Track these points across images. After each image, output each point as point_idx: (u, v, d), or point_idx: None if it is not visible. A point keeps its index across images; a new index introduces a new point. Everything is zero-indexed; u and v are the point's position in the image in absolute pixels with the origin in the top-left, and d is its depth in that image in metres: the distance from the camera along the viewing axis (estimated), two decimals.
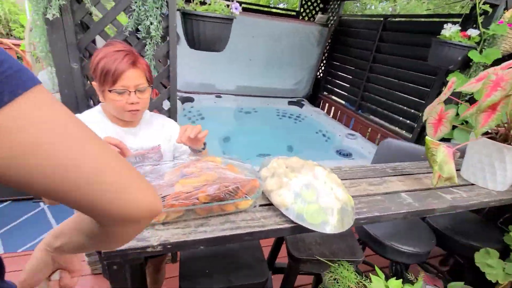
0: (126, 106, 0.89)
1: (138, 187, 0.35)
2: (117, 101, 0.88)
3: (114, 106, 0.89)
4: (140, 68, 0.90)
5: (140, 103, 0.91)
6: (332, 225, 0.72)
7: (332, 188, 0.80)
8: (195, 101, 3.79)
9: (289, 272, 1.15)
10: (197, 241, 0.67)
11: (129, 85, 0.88)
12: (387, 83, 3.11)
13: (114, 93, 0.87)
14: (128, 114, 0.92)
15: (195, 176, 0.74)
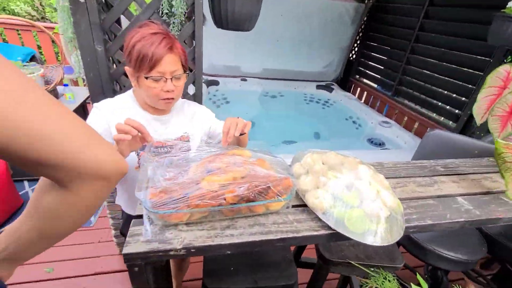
0: (161, 94, 0.83)
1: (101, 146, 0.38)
2: (152, 89, 0.82)
3: (149, 94, 0.84)
4: (177, 53, 0.83)
5: (176, 91, 0.85)
6: (379, 235, 0.62)
7: (378, 191, 0.69)
8: (220, 84, 3.71)
9: (317, 274, 1.08)
10: (223, 245, 0.60)
11: (165, 72, 0.81)
12: (430, 65, 2.79)
13: (150, 80, 0.81)
14: (162, 102, 0.86)
15: (222, 173, 0.67)
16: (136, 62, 0.79)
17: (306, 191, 0.72)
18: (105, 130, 0.85)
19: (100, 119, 0.86)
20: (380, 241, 0.61)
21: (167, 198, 0.61)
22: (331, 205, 0.66)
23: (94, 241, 1.88)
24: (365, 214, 0.64)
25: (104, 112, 0.86)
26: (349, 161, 0.77)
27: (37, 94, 0.32)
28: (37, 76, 2.13)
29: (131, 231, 0.60)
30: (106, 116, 0.86)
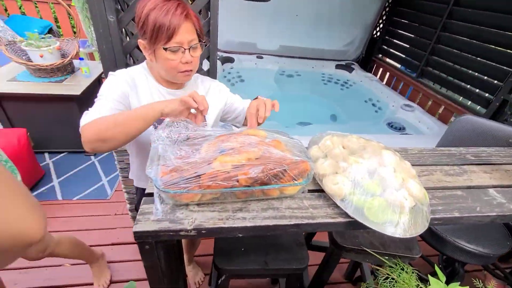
0: (179, 66, 0.79)
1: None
2: (170, 61, 0.77)
3: (167, 67, 0.79)
4: (192, 21, 0.78)
5: (194, 62, 0.81)
6: (401, 226, 0.58)
7: (403, 179, 0.63)
8: (235, 61, 3.61)
9: (329, 258, 1.06)
10: (235, 228, 0.58)
11: (183, 42, 0.76)
12: (463, 44, 2.56)
13: (168, 51, 0.76)
14: (180, 75, 0.82)
15: (235, 153, 0.63)
16: (152, 33, 0.74)
17: (323, 175, 0.68)
18: (123, 94, 0.80)
19: (118, 84, 0.81)
20: (402, 233, 0.57)
21: (178, 177, 0.58)
22: (350, 192, 0.62)
23: (110, 213, 1.95)
24: (387, 204, 0.59)
25: (122, 80, 0.82)
26: (372, 146, 0.71)
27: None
28: (53, 49, 2.13)
29: (142, 209, 0.59)
30: (125, 84, 0.82)
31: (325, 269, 1.09)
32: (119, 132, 0.68)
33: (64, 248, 1.24)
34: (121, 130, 0.68)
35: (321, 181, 0.68)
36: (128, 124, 0.69)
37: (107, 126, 0.68)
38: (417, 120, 2.77)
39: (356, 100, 3.48)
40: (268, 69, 3.71)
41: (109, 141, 0.68)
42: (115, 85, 0.80)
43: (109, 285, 1.53)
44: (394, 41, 3.53)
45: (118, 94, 0.79)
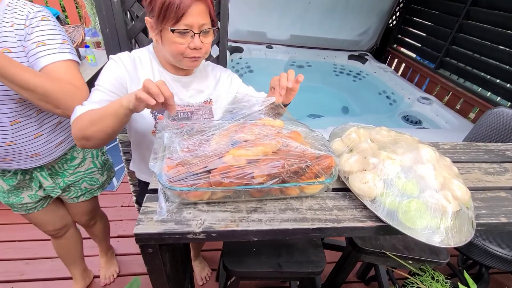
0: (187, 51, 0.71)
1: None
2: (177, 45, 0.70)
3: (172, 50, 0.71)
4: (206, 2, 0.69)
5: (203, 48, 0.72)
6: (443, 234, 0.49)
7: (445, 178, 0.55)
8: (244, 51, 3.50)
9: (345, 261, 0.98)
10: (249, 232, 0.51)
11: (193, 25, 0.68)
12: (489, 33, 2.39)
13: (176, 34, 0.68)
14: (187, 61, 0.74)
15: (250, 146, 0.55)
16: (160, 11, 0.66)
17: (350, 173, 0.60)
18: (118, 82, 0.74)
19: (114, 71, 0.75)
20: (445, 242, 0.49)
21: (185, 172, 0.51)
22: (382, 192, 0.54)
23: (117, 205, 1.91)
24: (427, 207, 0.51)
25: (121, 64, 0.75)
26: (406, 140, 0.62)
27: None
28: None
29: (144, 208, 0.52)
30: (122, 69, 0.75)
31: (340, 271, 1.02)
32: (97, 131, 0.63)
33: (101, 226, 1.36)
34: (97, 128, 0.63)
35: (346, 179, 0.60)
36: (102, 123, 0.63)
37: (86, 124, 0.63)
38: (434, 113, 2.63)
39: (369, 92, 3.34)
40: (278, 59, 3.59)
41: (91, 140, 0.64)
42: (111, 73, 0.74)
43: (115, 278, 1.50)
44: (411, 31, 3.35)
45: (112, 84, 0.73)
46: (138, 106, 0.59)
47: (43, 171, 0.91)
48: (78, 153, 0.98)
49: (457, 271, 1.43)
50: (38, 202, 0.97)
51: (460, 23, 2.62)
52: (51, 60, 0.71)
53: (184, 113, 0.79)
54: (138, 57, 0.78)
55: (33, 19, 0.72)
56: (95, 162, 1.05)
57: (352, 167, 0.59)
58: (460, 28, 2.65)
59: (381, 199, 0.53)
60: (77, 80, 0.74)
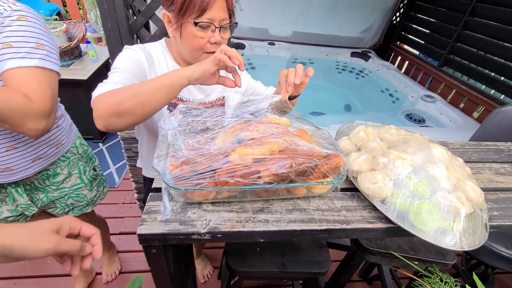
0: (207, 46, 0.69)
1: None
2: (198, 39, 0.68)
3: (193, 45, 0.69)
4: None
5: (221, 44, 0.70)
6: (456, 237, 0.48)
7: (457, 179, 0.53)
8: (246, 48, 3.47)
9: (349, 261, 0.97)
10: (255, 233, 0.49)
11: (215, 19, 0.66)
12: (495, 30, 2.36)
13: (198, 27, 0.66)
14: (205, 56, 0.71)
15: (256, 144, 0.54)
16: (183, 3, 0.64)
17: (358, 172, 0.58)
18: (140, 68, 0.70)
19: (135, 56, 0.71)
20: (458, 245, 0.47)
21: (190, 171, 0.50)
22: (392, 193, 0.52)
23: (119, 202, 1.91)
24: (439, 209, 0.49)
25: (139, 51, 0.72)
26: (416, 139, 0.61)
27: None
28: (60, 32, 2.05)
29: (148, 207, 0.51)
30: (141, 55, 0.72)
31: (344, 271, 1.01)
32: (138, 104, 0.56)
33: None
34: (140, 100, 0.56)
35: (355, 179, 0.58)
36: (149, 95, 0.57)
37: (125, 96, 0.56)
38: (438, 112, 2.61)
39: (372, 89, 3.31)
40: (280, 56, 3.56)
41: (126, 115, 0.57)
42: (132, 58, 0.69)
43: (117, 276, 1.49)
44: (415, 28, 3.31)
45: (135, 68, 0.68)
46: (205, 72, 0.59)
47: (18, 187, 0.82)
48: (62, 169, 0.89)
49: (461, 271, 1.42)
50: (19, 216, 0.88)
51: (465, 20, 2.59)
52: (13, 65, 0.61)
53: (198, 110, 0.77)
54: (154, 51, 0.76)
55: (7, 18, 0.63)
56: (83, 178, 0.97)
57: (361, 167, 0.58)
58: (466, 25, 2.61)
59: (392, 200, 0.52)
60: (34, 92, 0.62)
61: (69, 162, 0.91)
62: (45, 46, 0.67)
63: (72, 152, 0.92)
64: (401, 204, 0.51)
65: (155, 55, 0.76)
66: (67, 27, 2.19)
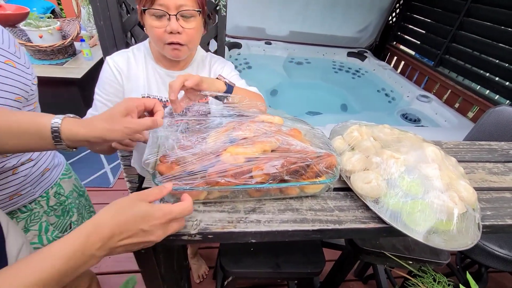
0: (164, 37, 0.67)
1: None
2: (154, 29, 0.66)
3: (152, 36, 0.69)
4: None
5: (184, 34, 0.67)
6: (449, 236, 0.48)
7: (450, 178, 0.53)
8: (243, 47, 3.46)
9: (344, 261, 0.97)
10: (247, 233, 0.49)
11: (169, 5, 0.64)
12: (490, 31, 2.38)
13: (152, 16, 0.65)
14: (168, 48, 0.69)
15: (248, 144, 0.53)
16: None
17: (351, 172, 0.58)
18: (112, 87, 0.76)
19: (106, 77, 0.76)
20: (452, 244, 0.47)
21: (180, 171, 0.49)
22: (385, 193, 0.52)
23: None
24: (431, 209, 0.49)
25: (114, 68, 0.74)
26: (409, 138, 0.60)
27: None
28: (54, 30, 2.02)
29: None
30: (115, 72, 0.75)
31: (339, 271, 1.00)
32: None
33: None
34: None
35: (348, 179, 0.58)
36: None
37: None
38: (433, 111, 2.62)
39: (368, 89, 3.33)
40: (277, 55, 3.56)
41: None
42: (104, 80, 0.75)
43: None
44: (411, 28, 3.33)
45: (108, 91, 0.75)
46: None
47: None
48: (18, 221, 0.71)
49: (455, 270, 1.42)
50: None
51: (461, 20, 2.60)
52: None
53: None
54: (133, 54, 0.76)
55: None
56: (42, 238, 0.76)
57: (354, 166, 0.57)
58: (461, 26, 2.63)
59: (385, 200, 0.51)
60: None
61: (30, 215, 0.73)
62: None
63: (38, 204, 0.74)
64: (394, 204, 0.51)
65: (133, 57, 0.76)
66: (61, 25, 2.16)
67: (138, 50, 0.77)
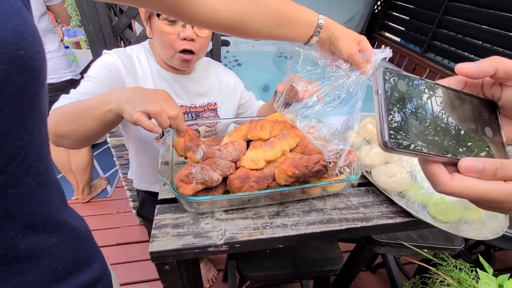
0: (177, 44, 0.63)
1: None
2: (166, 35, 0.62)
3: (163, 42, 0.63)
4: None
5: (197, 42, 0.64)
6: (480, 226, 0.47)
7: None
8: (231, 44, 3.41)
9: (359, 254, 0.96)
10: (275, 239, 0.47)
11: None
12: (476, 14, 2.42)
13: (165, 21, 0.61)
14: (178, 58, 0.65)
15: (267, 146, 0.51)
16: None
17: (371, 167, 0.56)
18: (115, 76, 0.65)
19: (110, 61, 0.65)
20: (482, 233, 0.47)
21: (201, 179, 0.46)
22: (409, 185, 0.51)
23: (113, 212, 1.84)
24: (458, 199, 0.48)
25: (117, 57, 0.66)
26: None
27: None
28: None
29: (157, 222, 0.47)
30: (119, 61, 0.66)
31: (354, 264, 1.00)
32: (74, 131, 0.50)
33: None
34: (76, 128, 0.50)
35: (368, 173, 0.56)
36: (84, 123, 0.50)
37: (64, 119, 0.51)
38: None
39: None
40: (265, 51, 3.53)
41: (66, 139, 0.52)
42: (106, 66, 0.64)
43: None
44: (397, 15, 3.35)
45: (107, 76, 0.63)
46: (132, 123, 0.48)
47: None
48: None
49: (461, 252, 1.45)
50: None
51: (445, 6, 2.63)
52: None
53: (188, 114, 0.73)
54: (135, 55, 0.70)
55: None
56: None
57: (374, 161, 0.56)
58: (446, 11, 2.66)
59: (410, 193, 0.50)
60: None
61: None
62: None
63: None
64: (420, 196, 0.50)
65: (136, 58, 0.70)
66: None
67: (139, 52, 0.72)
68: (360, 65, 0.52)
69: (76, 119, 0.50)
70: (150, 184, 0.84)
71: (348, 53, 0.52)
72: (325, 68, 0.55)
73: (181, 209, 0.50)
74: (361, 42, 0.53)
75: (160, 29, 0.61)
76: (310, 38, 0.53)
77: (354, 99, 0.50)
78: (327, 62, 0.56)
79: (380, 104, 0.22)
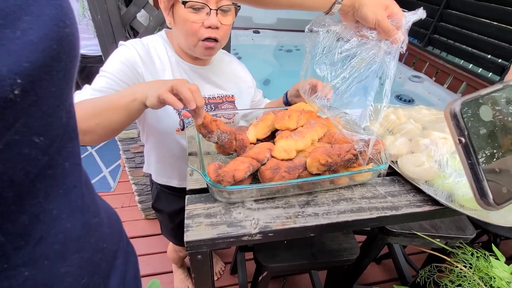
0: (201, 32, 0.61)
1: None
2: (190, 23, 0.60)
3: (186, 30, 0.61)
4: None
5: (221, 30, 0.63)
6: (507, 210, 0.48)
7: None
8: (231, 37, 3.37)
9: (371, 244, 0.98)
10: (308, 228, 0.47)
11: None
12: (477, 8, 2.43)
13: (189, 9, 0.59)
14: (201, 46, 0.63)
15: (297, 136, 0.51)
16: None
17: (397, 156, 0.57)
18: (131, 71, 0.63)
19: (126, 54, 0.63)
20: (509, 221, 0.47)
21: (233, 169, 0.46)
22: (438, 174, 0.51)
23: (117, 206, 1.82)
24: None
25: (133, 49, 0.64)
26: None
27: None
28: None
29: (189, 212, 0.47)
30: (135, 53, 0.64)
31: (365, 255, 1.01)
32: (98, 125, 0.50)
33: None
34: (100, 122, 0.50)
35: (394, 163, 0.57)
36: (109, 116, 0.50)
37: (87, 115, 0.50)
38: (426, 91, 2.67)
39: None
40: (266, 44, 3.50)
41: (90, 134, 0.51)
42: (122, 58, 0.62)
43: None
44: None
45: (122, 71, 0.62)
46: (157, 106, 0.50)
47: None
48: None
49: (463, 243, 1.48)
50: None
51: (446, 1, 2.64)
52: None
53: (209, 106, 0.72)
54: (152, 46, 0.68)
55: None
56: None
57: (400, 150, 0.56)
58: (447, 4, 2.66)
59: (438, 181, 0.51)
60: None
61: None
62: None
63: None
64: (448, 184, 0.50)
65: (153, 49, 0.68)
66: None
67: (156, 42, 0.70)
68: (389, 32, 0.48)
69: (99, 113, 0.50)
70: (169, 178, 0.81)
71: (374, 19, 0.46)
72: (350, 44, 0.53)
73: (211, 199, 0.49)
74: (389, 7, 0.47)
75: (184, 17, 0.60)
76: (332, 6, 0.48)
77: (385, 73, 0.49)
78: (351, 35, 0.53)
79: (467, 156, 0.16)
